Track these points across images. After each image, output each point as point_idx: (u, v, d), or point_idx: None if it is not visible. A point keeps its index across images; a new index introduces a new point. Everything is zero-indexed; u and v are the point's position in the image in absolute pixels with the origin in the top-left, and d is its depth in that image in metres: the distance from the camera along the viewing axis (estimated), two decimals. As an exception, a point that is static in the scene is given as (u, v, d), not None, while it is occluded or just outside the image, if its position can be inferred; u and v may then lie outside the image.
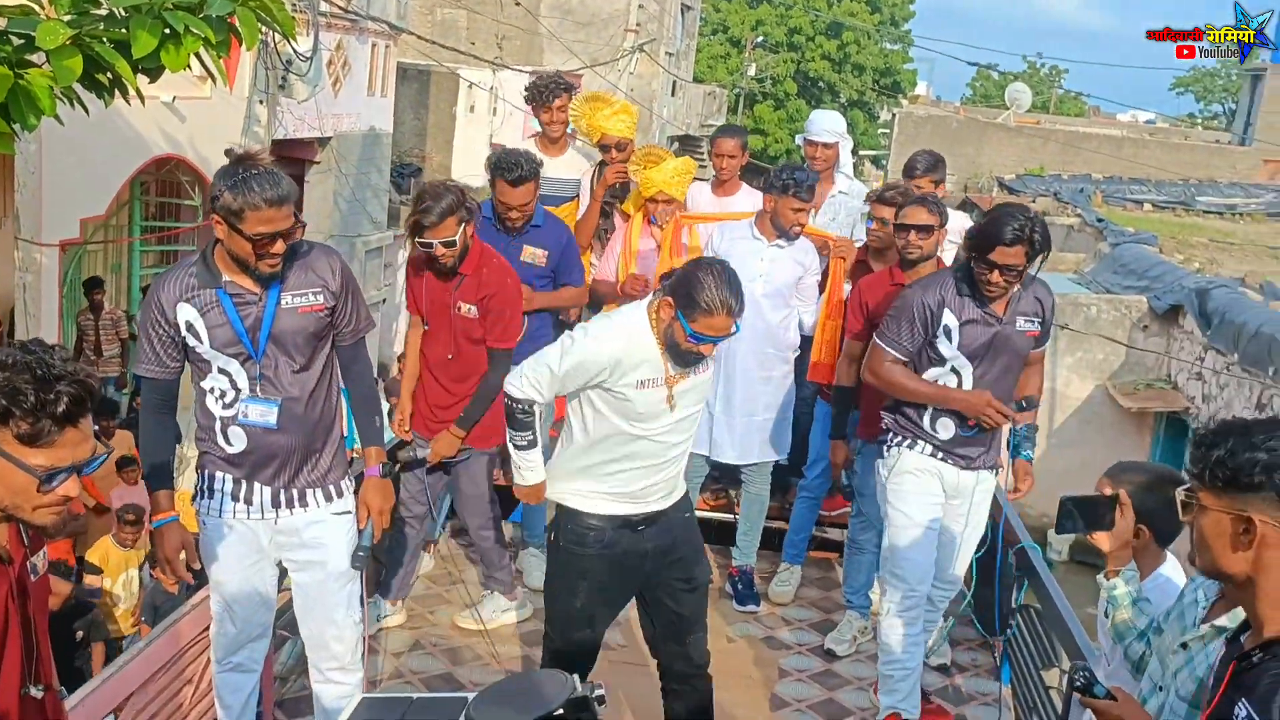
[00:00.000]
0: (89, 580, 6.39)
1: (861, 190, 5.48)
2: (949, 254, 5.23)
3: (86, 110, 4.25)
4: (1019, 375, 3.91)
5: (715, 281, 3.04)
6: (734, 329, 3.12)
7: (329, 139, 13.53)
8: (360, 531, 3.26)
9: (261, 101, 7.48)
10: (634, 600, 3.51)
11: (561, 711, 2.45)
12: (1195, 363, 11.75)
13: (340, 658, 3.32)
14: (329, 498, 3.21)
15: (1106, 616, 2.80)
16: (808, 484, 5.03)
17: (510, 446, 3.37)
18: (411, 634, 4.50)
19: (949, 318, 3.72)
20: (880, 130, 41.07)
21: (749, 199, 5.23)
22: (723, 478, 5.59)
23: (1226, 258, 15.63)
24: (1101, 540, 2.77)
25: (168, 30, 3.86)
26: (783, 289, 4.71)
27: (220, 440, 3.09)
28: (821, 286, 4.83)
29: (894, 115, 28.53)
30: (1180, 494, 1.89)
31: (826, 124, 5.34)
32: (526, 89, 5.43)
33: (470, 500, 4.39)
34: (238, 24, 4.06)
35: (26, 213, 9.07)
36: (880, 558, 4.11)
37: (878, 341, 3.88)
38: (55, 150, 8.93)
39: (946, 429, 3.83)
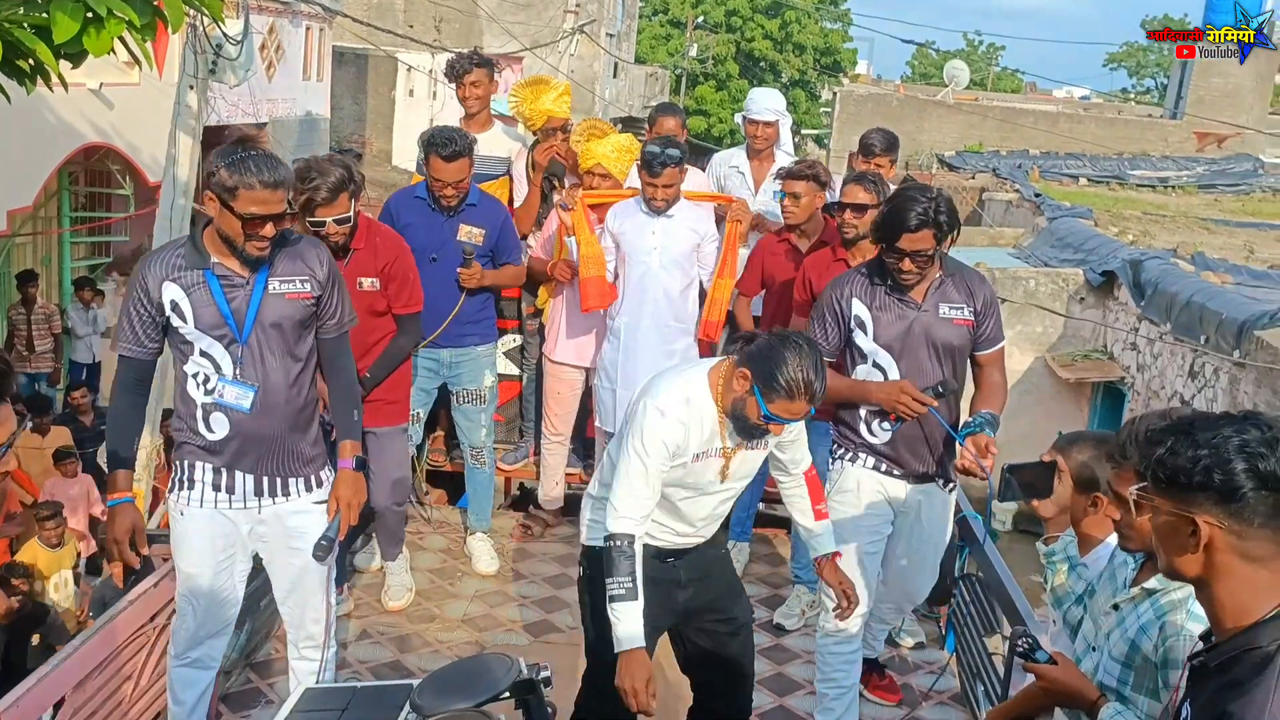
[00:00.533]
0: (17, 583, 6.24)
1: None
2: None
3: (8, 98, 4.14)
4: (959, 370, 3.66)
5: (800, 362, 2.84)
6: (810, 412, 2.93)
7: (264, 124, 13.30)
8: (329, 524, 3.24)
9: (192, 87, 7.31)
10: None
11: (508, 694, 2.45)
12: (1130, 333, 11.98)
13: (315, 636, 3.38)
14: (309, 487, 3.23)
15: (1045, 581, 2.85)
16: None
17: (608, 598, 2.93)
18: (359, 623, 4.47)
19: (859, 308, 3.58)
20: (822, 109, 41.27)
21: (690, 179, 5.22)
22: None
23: (1159, 230, 15.93)
24: (1042, 507, 2.82)
25: (90, 14, 3.78)
26: (680, 259, 4.70)
27: (201, 427, 3.08)
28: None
29: (835, 94, 28.68)
30: (1133, 493, 1.82)
31: (766, 102, 5.34)
32: (446, 65, 5.38)
33: (387, 483, 4.26)
34: (163, 7, 3.98)
35: (-49, 206, 8.83)
36: None
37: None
38: (-22, 141, 8.70)
39: (883, 432, 3.64)
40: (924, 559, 3.86)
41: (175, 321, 3.01)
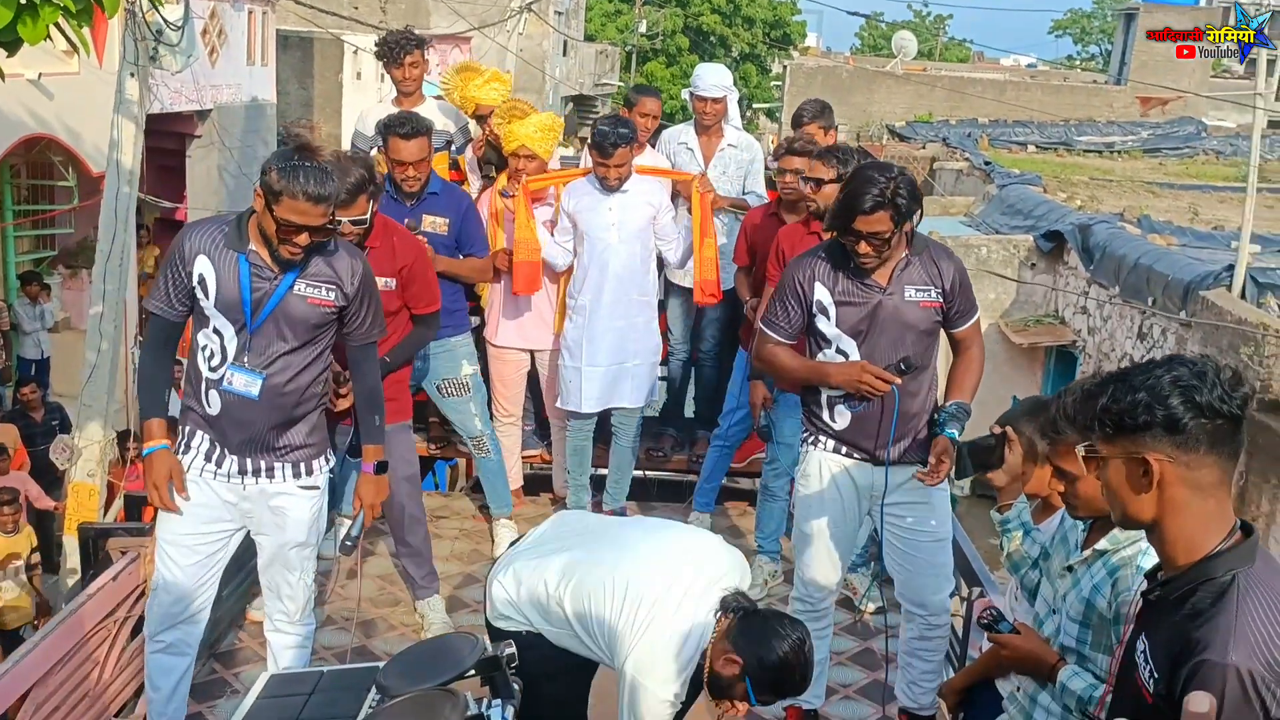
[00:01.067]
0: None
1: (750, 142, 5.52)
2: None
3: (-59, 89, 4.05)
4: (928, 352, 3.51)
5: (793, 658, 2.68)
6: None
7: (209, 111, 13.11)
8: (352, 521, 3.37)
9: (133, 75, 7.17)
10: None
11: (474, 672, 2.47)
12: (1080, 296, 12.16)
13: (289, 613, 3.44)
14: (297, 474, 3.27)
15: (1001, 548, 2.91)
16: (723, 433, 5.06)
17: None
18: (323, 609, 4.45)
19: (821, 292, 3.41)
20: (773, 83, 41.29)
21: (653, 159, 5.24)
22: (681, 436, 5.66)
23: (1106, 194, 16.15)
24: (995, 477, 2.87)
25: (24, 1, 3.70)
26: (638, 233, 4.74)
27: (202, 399, 3.17)
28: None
29: (785, 68, 28.70)
30: (1081, 450, 1.88)
31: (713, 78, 5.36)
32: (376, 45, 5.29)
33: (398, 483, 4.10)
34: (99, -8, 3.91)
35: (-113, 202, 8.63)
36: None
37: (760, 325, 3.67)
38: (-87, 134, 8.50)
39: (843, 417, 3.51)
40: (920, 554, 3.59)
41: (199, 294, 3.10)
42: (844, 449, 3.54)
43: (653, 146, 5.37)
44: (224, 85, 13.45)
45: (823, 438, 3.56)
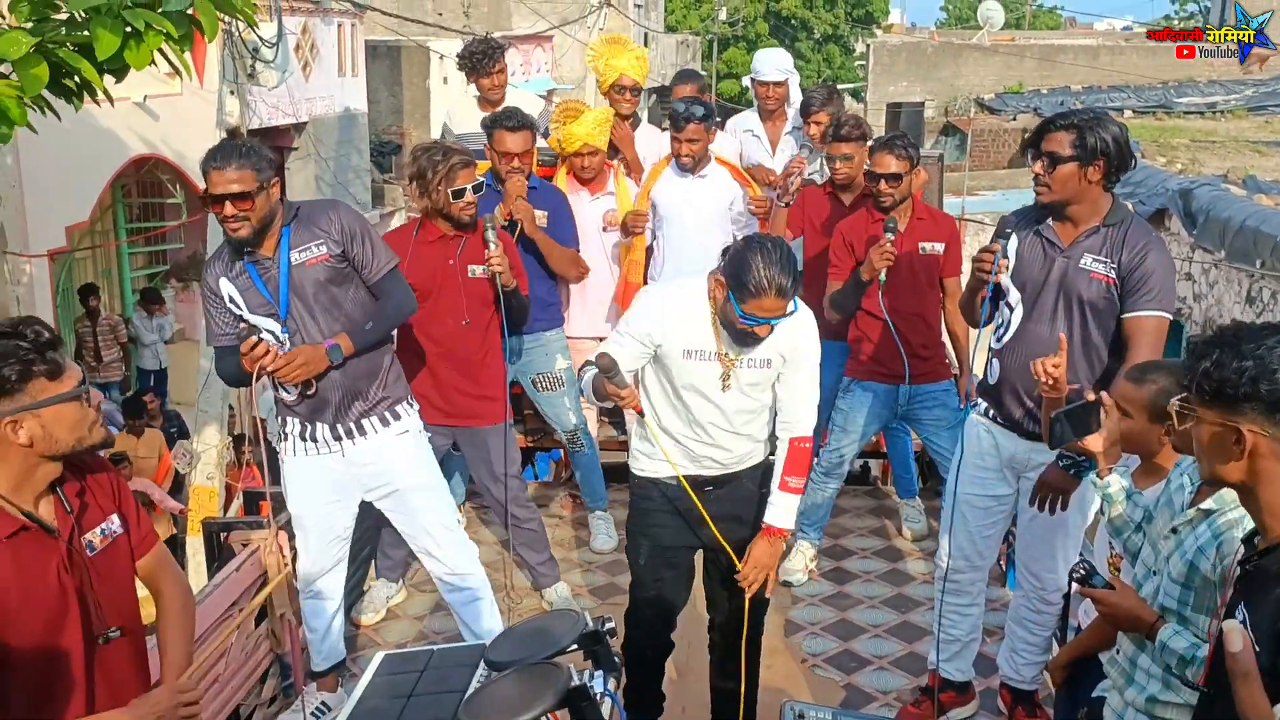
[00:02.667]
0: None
1: None
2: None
3: (59, 117, 4.29)
4: (1096, 332, 3.27)
5: (763, 261, 2.93)
6: (789, 309, 3.00)
7: (305, 124, 13.51)
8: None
9: (232, 92, 7.49)
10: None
11: (576, 646, 2.56)
12: (1184, 262, 11.80)
13: (448, 563, 3.68)
14: (385, 422, 3.51)
15: (1103, 514, 2.89)
16: None
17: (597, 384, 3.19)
18: (430, 597, 4.62)
19: (1014, 242, 3.33)
20: (857, 63, 40.74)
21: (729, 142, 5.30)
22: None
23: (1209, 156, 15.61)
24: (1093, 443, 2.84)
25: (129, 29, 3.89)
26: (714, 217, 4.85)
27: (281, 391, 3.45)
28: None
29: (869, 47, 28.30)
30: (1175, 405, 1.88)
31: (773, 62, 5.40)
32: (459, 57, 5.37)
33: (502, 482, 4.20)
34: (198, 16, 4.10)
35: (11, 226, 9.12)
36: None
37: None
38: (33, 161, 8.96)
39: (995, 371, 3.42)
40: (1038, 532, 3.51)
41: (236, 311, 3.36)
42: (990, 411, 3.49)
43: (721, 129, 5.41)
44: (318, 97, 13.84)
45: (981, 400, 3.53)
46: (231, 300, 3.36)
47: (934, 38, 30.30)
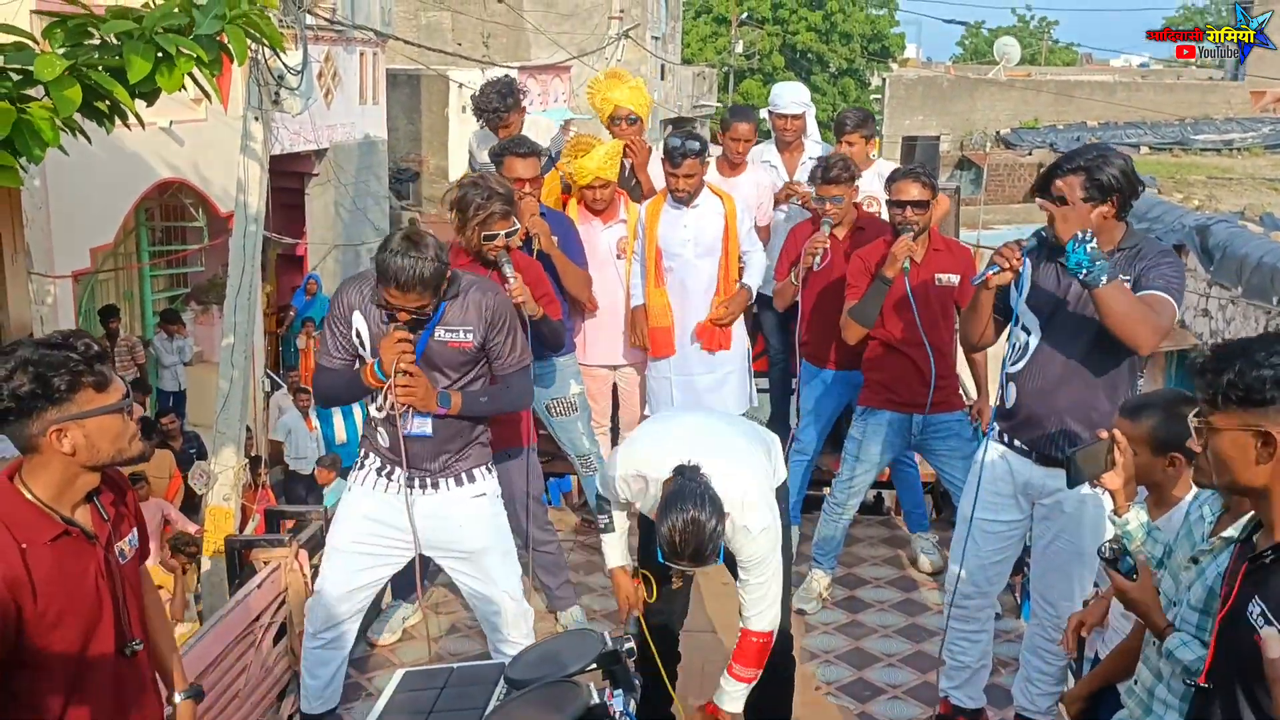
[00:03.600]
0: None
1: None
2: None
3: (89, 139, 4.37)
4: (1109, 353, 3.28)
5: (674, 528, 2.90)
6: (710, 564, 3.00)
7: (325, 150, 13.66)
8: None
9: (256, 118, 7.58)
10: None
11: (595, 665, 2.58)
12: (1201, 298, 11.80)
13: (506, 633, 3.57)
14: (460, 483, 3.45)
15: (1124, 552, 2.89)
16: (801, 445, 5.01)
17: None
18: (447, 618, 4.64)
19: (1027, 267, 3.35)
20: (873, 96, 40.96)
21: (753, 176, 5.36)
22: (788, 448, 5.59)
23: (1225, 193, 15.64)
24: (1110, 480, 2.85)
25: (160, 53, 3.96)
26: (713, 245, 4.90)
27: (375, 433, 3.42)
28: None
29: (884, 80, 28.47)
30: (1193, 420, 1.97)
31: (790, 95, 5.47)
32: (475, 101, 5.34)
33: (523, 502, 4.22)
34: (227, 41, 4.18)
35: (37, 246, 9.23)
36: None
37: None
38: (60, 183, 9.09)
39: (1010, 396, 3.44)
40: (1055, 561, 3.52)
41: (357, 345, 3.33)
42: (1007, 437, 3.50)
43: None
44: (339, 125, 14.00)
45: (997, 425, 3.53)
46: (358, 335, 3.31)
47: (950, 72, 30.46)
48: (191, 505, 8.65)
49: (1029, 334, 3.40)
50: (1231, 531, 2.38)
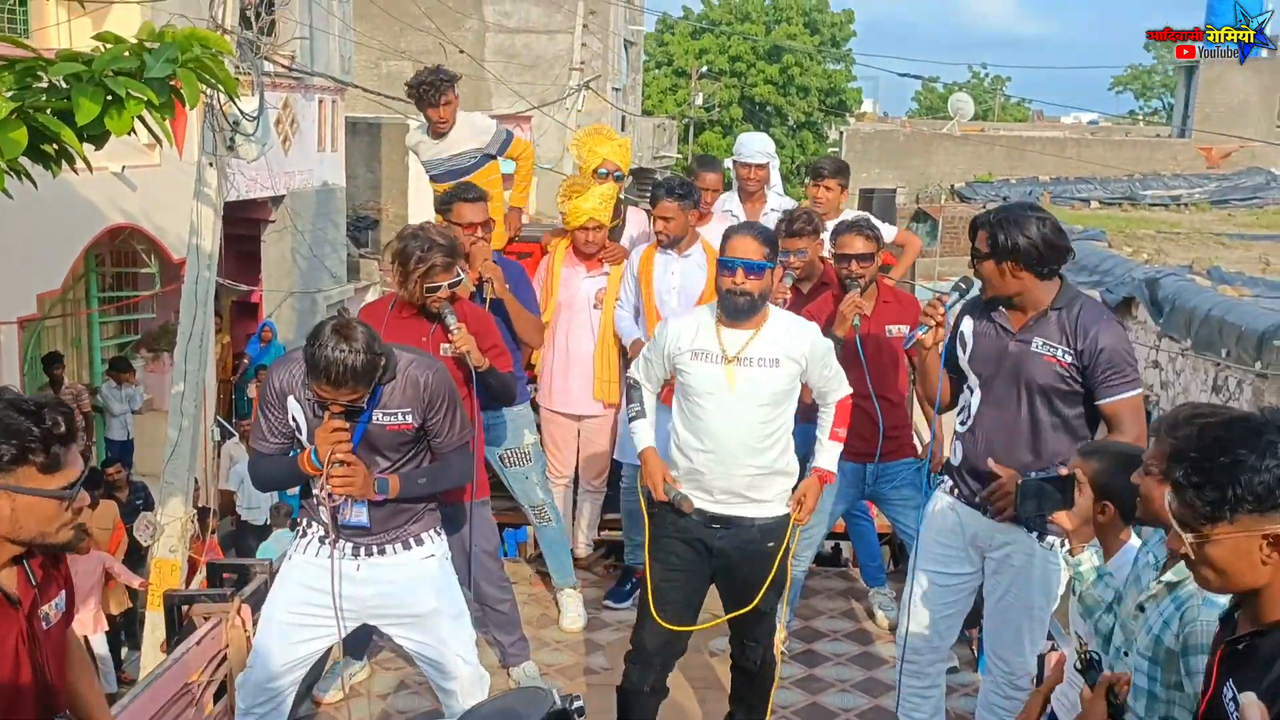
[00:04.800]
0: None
1: (794, 206, 5.61)
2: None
3: (35, 183, 4.28)
4: (1053, 413, 3.32)
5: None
6: (763, 256, 3.44)
7: (282, 197, 13.58)
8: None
9: (211, 164, 7.51)
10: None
11: (542, 726, 2.50)
12: (1151, 350, 11.96)
13: (460, 698, 3.41)
14: (408, 547, 3.34)
15: (1073, 593, 2.88)
16: None
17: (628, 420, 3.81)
18: (395, 674, 4.52)
19: (966, 324, 3.45)
20: (830, 149, 41.54)
21: (718, 227, 5.36)
22: None
23: (1173, 247, 15.94)
24: (1063, 519, 2.84)
25: (110, 96, 3.91)
26: (697, 297, 4.87)
27: (316, 507, 3.29)
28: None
29: (841, 134, 28.91)
30: (1189, 541, 1.85)
31: (755, 145, 5.52)
32: (409, 87, 5.34)
33: (480, 559, 4.13)
34: (180, 86, 4.13)
35: (-19, 292, 9.06)
36: None
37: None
38: (6, 228, 8.91)
39: (956, 450, 3.48)
40: (1007, 615, 3.50)
41: (296, 432, 3.23)
42: (956, 490, 3.51)
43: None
44: (296, 171, 13.93)
45: (948, 479, 3.56)
46: (294, 420, 3.21)
47: (906, 126, 31.02)
48: (137, 557, 8.43)
49: (972, 392, 3.42)
50: (1171, 576, 2.36)
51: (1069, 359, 3.25)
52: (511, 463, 4.76)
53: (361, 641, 4.45)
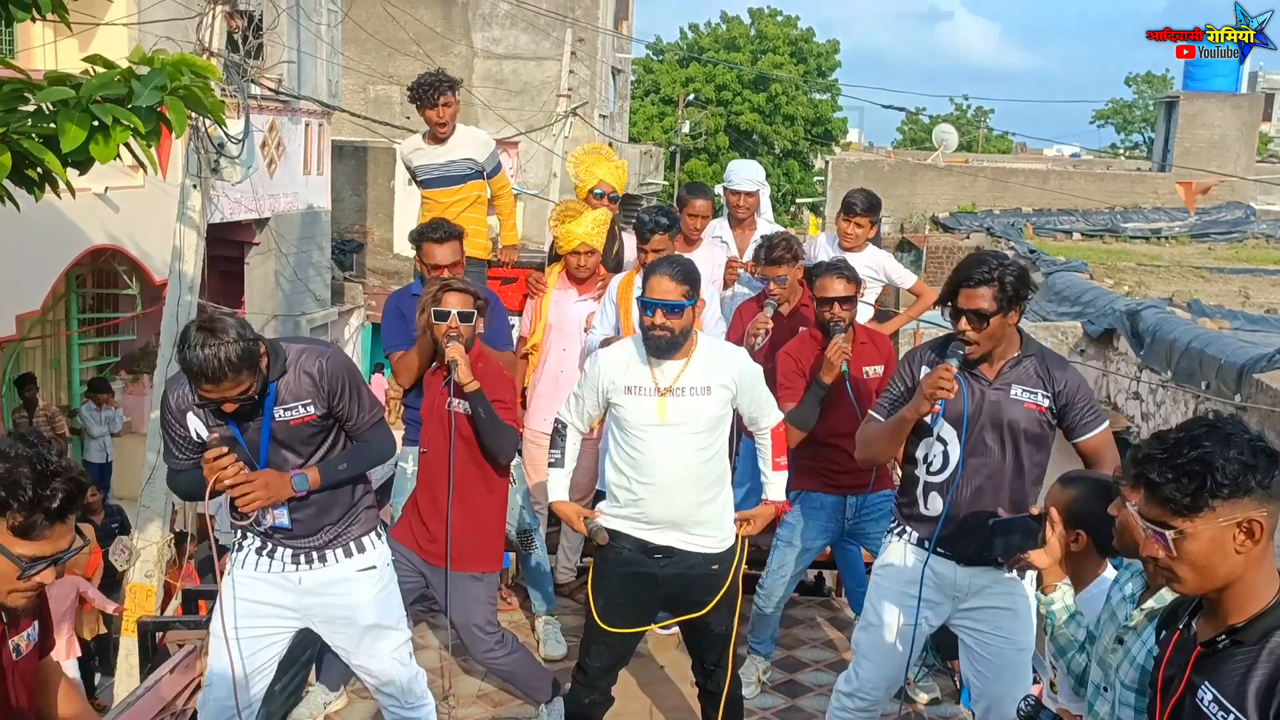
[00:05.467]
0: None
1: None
2: (873, 291, 5.43)
3: (18, 206, 4.26)
4: (1033, 458, 3.39)
5: (661, 259, 3.56)
6: (682, 295, 3.44)
7: (267, 220, 13.54)
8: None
9: (195, 187, 7.49)
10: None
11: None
12: (1132, 382, 12.03)
13: (398, 697, 3.49)
14: (349, 553, 3.33)
15: (1045, 632, 2.88)
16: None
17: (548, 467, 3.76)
18: (372, 704, 4.46)
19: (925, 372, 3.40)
20: (816, 178, 41.77)
21: (708, 252, 5.39)
22: None
23: (1154, 279, 16.06)
24: (1035, 558, 2.85)
25: (96, 123, 3.89)
26: None
27: (232, 514, 3.25)
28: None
29: (827, 163, 29.05)
30: (1171, 538, 1.91)
31: (746, 173, 5.55)
32: (410, 90, 5.45)
33: (480, 633, 4.01)
34: (167, 112, 4.11)
35: (-39, 313, 8.99)
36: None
37: (870, 412, 3.68)
38: (-12, 248, 8.88)
39: (935, 504, 3.44)
40: (1000, 661, 3.52)
41: (201, 445, 3.12)
42: (928, 542, 3.45)
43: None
44: (281, 194, 13.91)
45: (909, 528, 3.52)
46: (197, 435, 3.13)
47: (891, 156, 31.20)
48: (113, 582, 8.34)
49: (946, 443, 3.41)
50: (1153, 603, 2.37)
51: (1046, 403, 3.33)
52: None
53: (339, 669, 4.40)
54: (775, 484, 3.76)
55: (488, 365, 3.99)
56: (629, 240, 5.47)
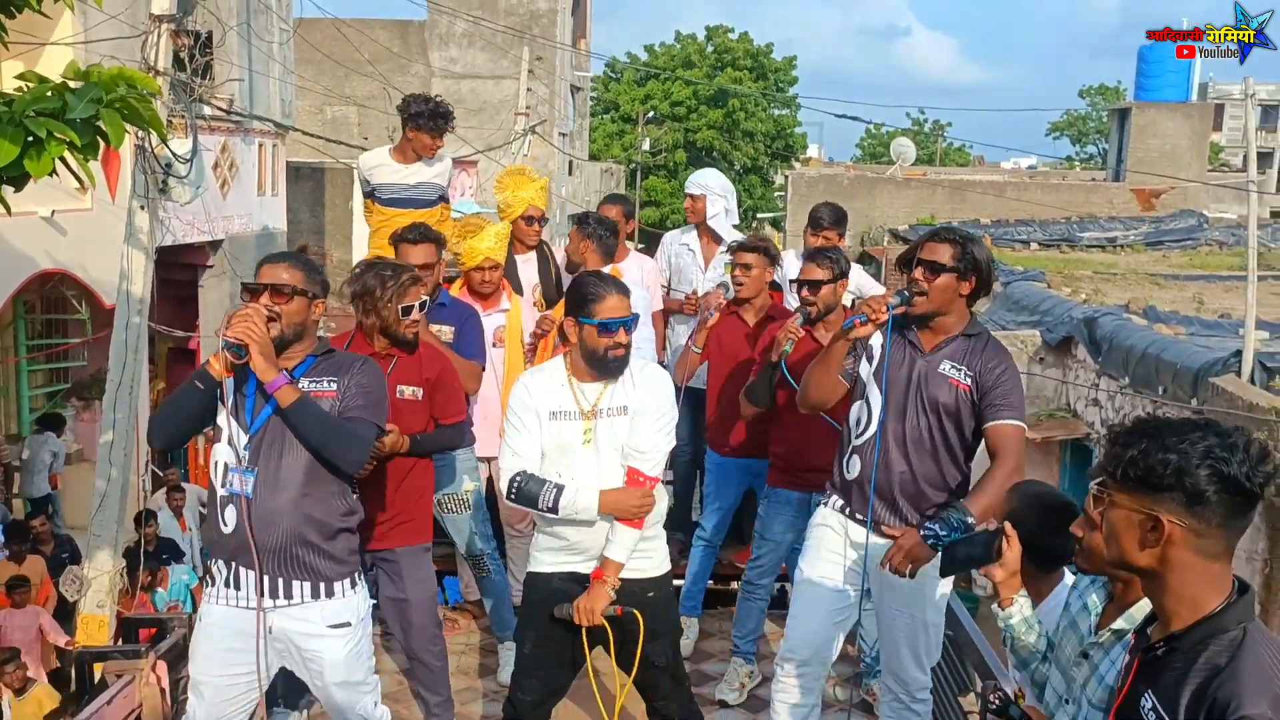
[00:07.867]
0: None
1: None
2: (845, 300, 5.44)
3: (-49, 226, 4.15)
4: (955, 442, 3.44)
5: (595, 276, 3.39)
6: (631, 310, 3.33)
7: (221, 242, 13.37)
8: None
9: (143, 207, 7.35)
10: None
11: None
12: (1091, 388, 12.12)
13: None
14: (316, 594, 3.18)
15: (1006, 645, 2.85)
16: (704, 533, 4.99)
17: (552, 509, 3.35)
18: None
19: (879, 336, 3.48)
20: (776, 193, 42.00)
21: (637, 263, 5.36)
22: (688, 540, 5.37)
23: (1110, 287, 16.24)
24: (992, 572, 2.82)
25: (30, 137, 3.81)
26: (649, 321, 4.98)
27: (219, 521, 3.17)
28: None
29: (787, 178, 29.22)
30: (1093, 488, 1.92)
31: (696, 178, 5.78)
32: (415, 110, 5.37)
33: (419, 608, 4.01)
34: (104, 125, 4.02)
35: (-97, 340, 8.77)
36: None
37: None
38: (-70, 274, 8.68)
39: (853, 467, 3.52)
40: (896, 633, 3.57)
41: (220, 396, 3.19)
42: (849, 508, 3.54)
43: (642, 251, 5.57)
44: (235, 216, 13.75)
45: (835, 495, 3.59)
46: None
47: (850, 171, 31.44)
48: (64, 613, 8.13)
49: (871, 406, 3.47)
50: (1122, 624, 2.34)
51: (969, 382, 3.37)
52: (449, 508, 4.64)
53: (300, 691, 4.30)
54: (616, 542, 3.38)
55: (438, 365, 4.03)
56: (634, 259, 5.53)
